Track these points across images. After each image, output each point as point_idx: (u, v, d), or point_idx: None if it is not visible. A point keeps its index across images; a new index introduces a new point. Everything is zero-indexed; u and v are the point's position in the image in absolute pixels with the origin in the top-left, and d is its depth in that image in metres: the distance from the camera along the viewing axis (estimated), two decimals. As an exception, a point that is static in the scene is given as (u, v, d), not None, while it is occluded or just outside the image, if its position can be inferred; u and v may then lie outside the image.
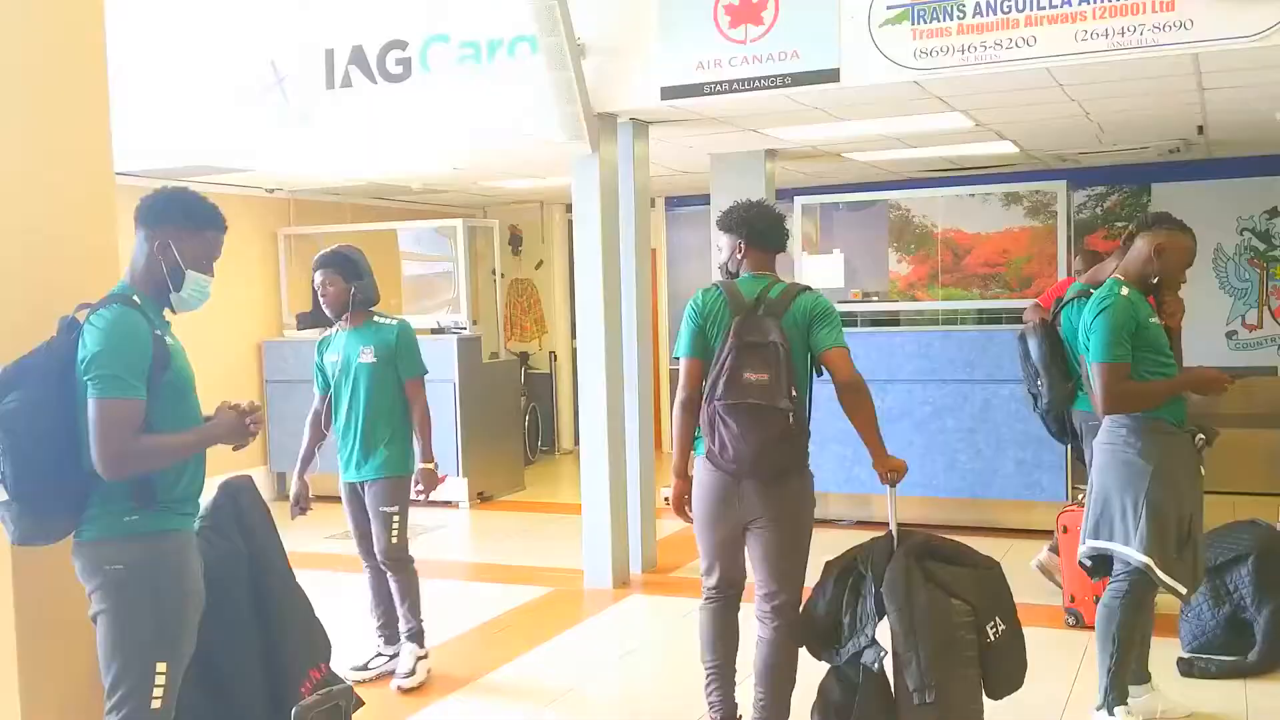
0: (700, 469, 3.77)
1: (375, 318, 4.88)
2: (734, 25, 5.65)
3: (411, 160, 8.13)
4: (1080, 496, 4.70)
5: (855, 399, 3.68)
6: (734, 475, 3.65)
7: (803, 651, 3.76)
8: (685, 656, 5.36)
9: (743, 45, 5.64)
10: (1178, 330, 4.15)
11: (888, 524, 3.71)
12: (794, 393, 3.58)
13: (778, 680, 3.74)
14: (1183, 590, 3.90)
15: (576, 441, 6.70)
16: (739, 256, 3.89)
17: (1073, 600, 5.34)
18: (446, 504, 8.92)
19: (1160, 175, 9.57)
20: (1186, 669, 4.69)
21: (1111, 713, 3.93)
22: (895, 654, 3.47)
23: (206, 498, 3.18)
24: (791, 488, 3.71)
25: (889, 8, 5.31)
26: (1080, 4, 4.93)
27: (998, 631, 3.50)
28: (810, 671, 3.77)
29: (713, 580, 3.85)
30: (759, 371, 3.56)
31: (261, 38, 6.66)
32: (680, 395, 3.78)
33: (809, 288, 3.85)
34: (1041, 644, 5.16)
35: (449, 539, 8.04)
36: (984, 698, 3.56)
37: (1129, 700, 3.99)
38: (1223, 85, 5.97)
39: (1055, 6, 4.98)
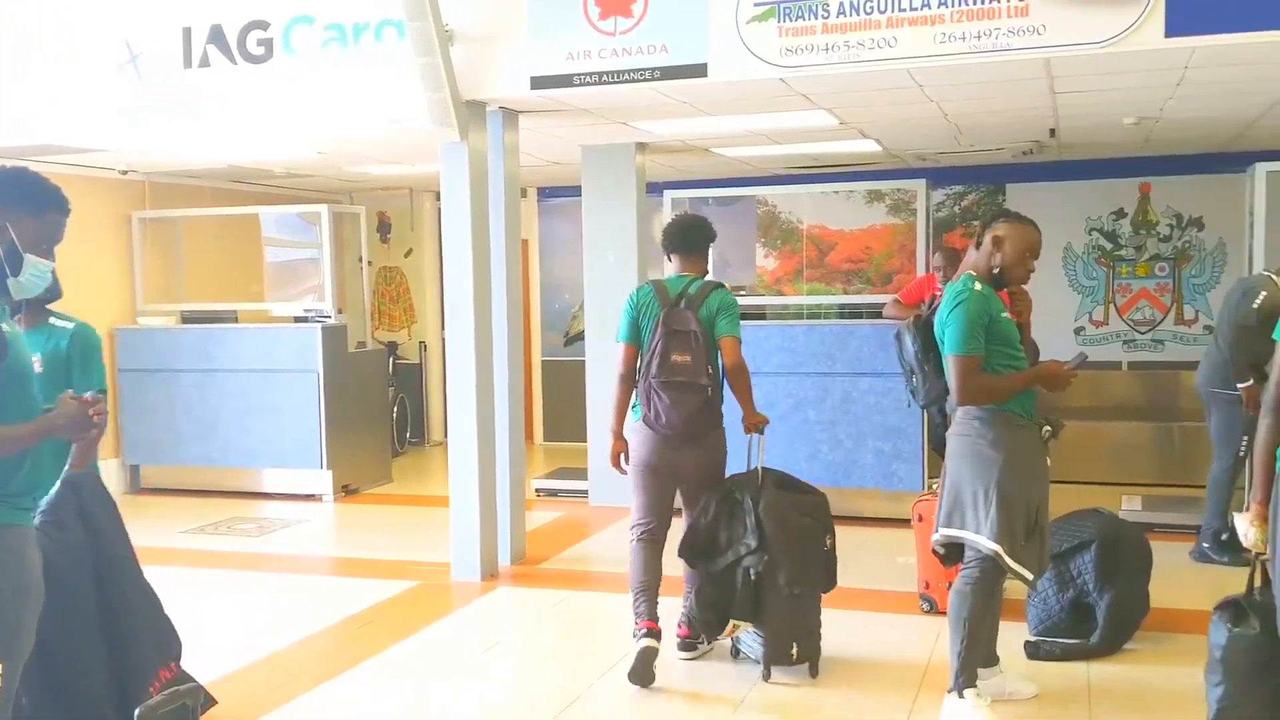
0: (637, 431, 4.70)
1: (51, 319, 3.77)
2: (604, 17, 5.65)
3: (273, 144, 7.90)
4: (935, 486, 4.85)
5: (736, 379, 4.68)
6: (666, 437, 4.60)
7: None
8: (554, 648, 5.38)
9: (612, 38, 5.64)
10: (1027, 325, 4.32)
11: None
12: (710, 370, 4.58)
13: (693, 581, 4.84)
14: (1029, 576, 4.06)
15: (447, 433, 6.63)
16: (670, 263, 4.90)
17: (927, 587, 5.51)
18: (309, 497, 8.73)
19: (1015, 176, 9.93)
20: (1033, 651, 4.88)
21: (962, 695, 4.06)
22: (771, 560, 4.50)
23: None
24: (711, 442, 4.70)
25: (756, 4, 5.37)
26: (939, 7, 5.07)
27: (830, 543, 4.74)
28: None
29: (645, 519, 4.76)
30: (683, 354, 4.55)
31: (115, 13, 6.38)
32: (619, 372, 4.75)
33: (720, 285, 4.79)
34: (897, 629, 5.37)
35: (311, 533, 7.86)
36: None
37: (978, 682, 4.12)
38: (1073, 89, 6.22)
39: (915, 9, 5.11)
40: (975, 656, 4.12)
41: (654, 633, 4.62)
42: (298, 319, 9.10)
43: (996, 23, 5.00)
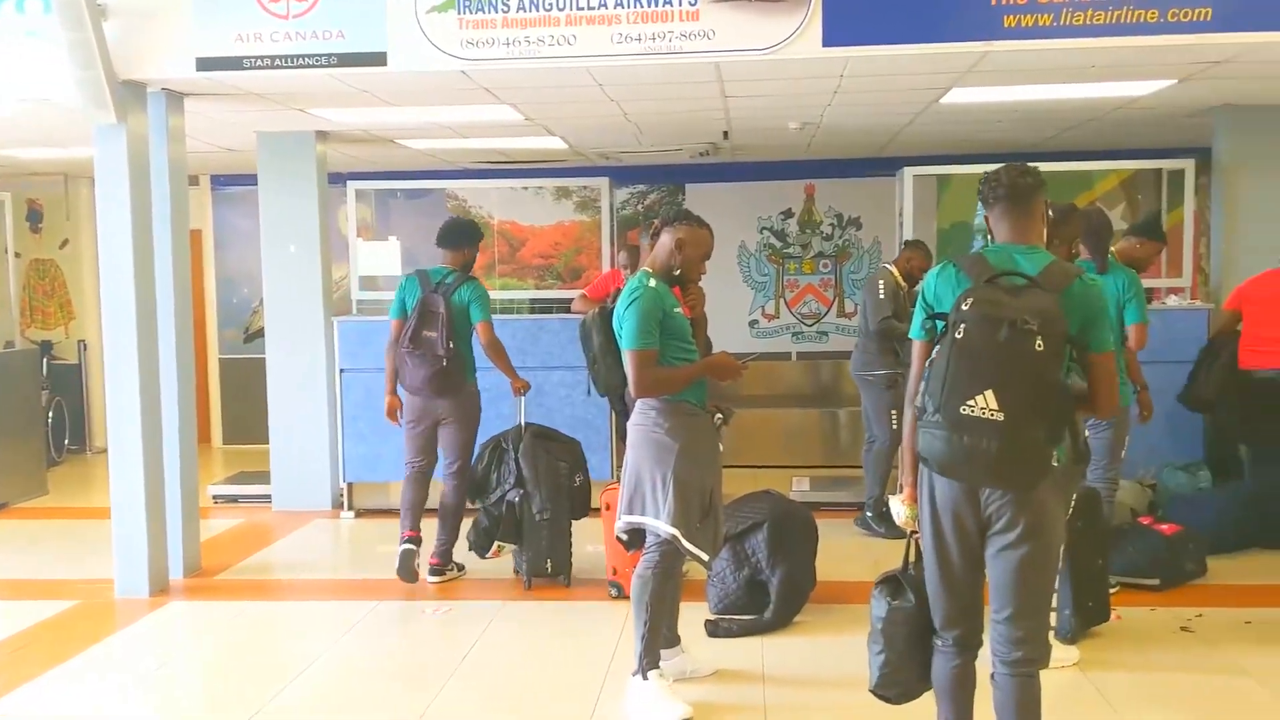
0: (402, 391, 5.94)
1: None
2: (275, -1, 5.40)
3: (-104, 121, 7.04)
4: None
5: (492, 355, 5.90)
6: (416, 392, 5.84)
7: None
8: (230, 663, 5.09)
9: (285, 20, 5.39)
10: (701, 319, 4.50)
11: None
12: (450, 346, 5.72)
13: (449, 518, 6.08)
14: (705, 557, 4.23)
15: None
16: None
17: (614, 573, 5.64)
18: (-52, 515, 7.85)
19: (693, 176, 10.36)
20: (713, 630, 5.10)
21: (646, 677, 4.17)
22: (526, 493, 5.81)
23: None
24: (456, 399, 5.88)
25: (436, -6, 5.30)
26: (616, 7, 5.19)
27: (580, 479, 5.98)
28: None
29: (412, 459, 6.03)
30: (431, 331, 5.74)
31: None
32: (388, 341, 5.94)
33: (473, 278, 5.94)
34: (586, 616, 5.47)
35: (-50, 555, 7.06)
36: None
37: (661, 663, 4.26)
38: (743, 94, 6.54)
39: (593, 8, 5.20)
40: (658, 638, 4.24)
41: (414, 539, 5.95)
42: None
43: (670, 25, 5.17)
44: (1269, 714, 4.19)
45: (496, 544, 5.97)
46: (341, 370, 7.72)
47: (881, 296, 6.79)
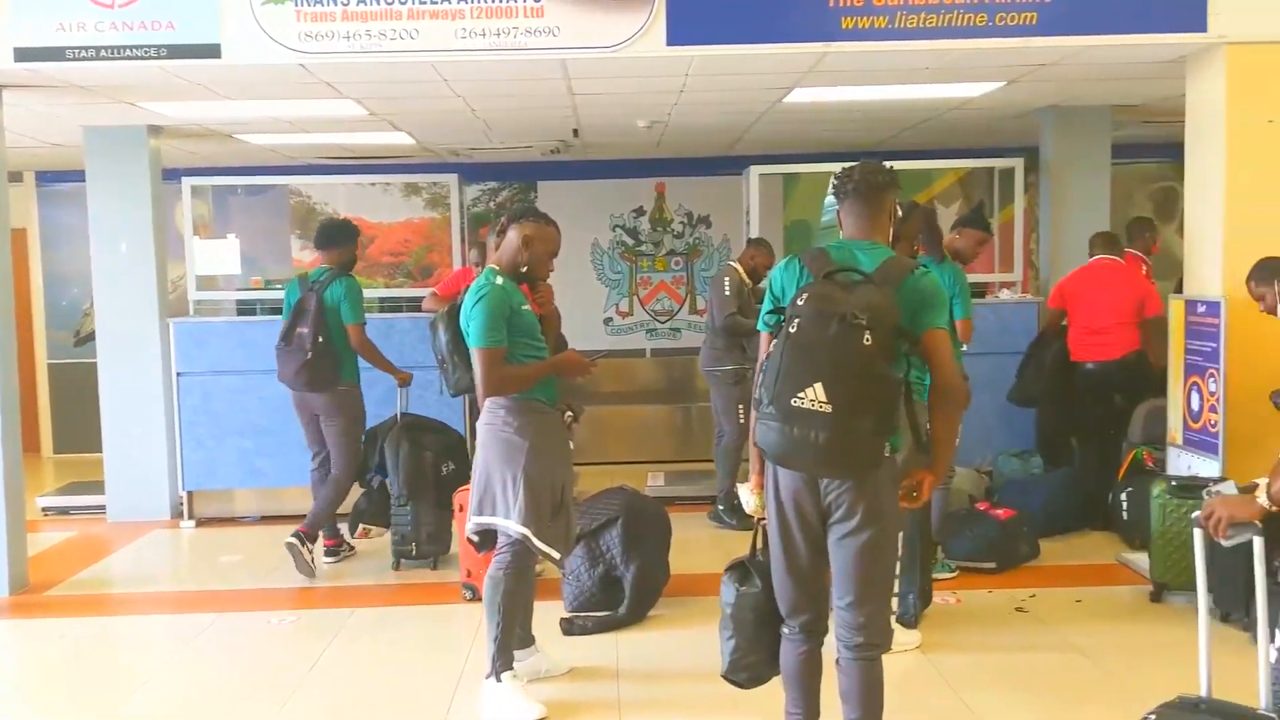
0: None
1: None
2: (100, -14, 5.15)
3: None
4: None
5: (365, 355, 6.16)
6: (290, 387, 6.11)
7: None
8: (63, 684, 4.84)
9: (110, 10, 5.15)
10: (552, 316, 4.48)
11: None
12: (320, 340, 5.92)
13: (329, 497, 6.22)
14: (557, 555, 4.22)
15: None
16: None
17: (469, 575, 5.57)
18: None
19: (545, 173, 10.32)
20: (568, 628, 5.09)
21: (499, 679, 4.13)
22: (388, 479, 6.17)
23: None
24: (327, 395, 6.06)
25: (272, -15, 5.14)
26: (460, 2, 5.12)
27: (450, 468, 6.15)
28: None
29: (311, 448, 6.26)
30: (303, 327, 5.95)
31: None
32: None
33: (347, 276, 6.11)
34: (439, 620, 5.40)
35: None
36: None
37: (515, 664, 4.23)
38: (590, 92, 6.54)
39: (436, 3, 5.12)
40: (511, 639, 4.21)
41: (299, 534, 6.03)
42: None
43: (515, 21, 5.13)
44: (1098, 687, 4.41)
45: (362, 526, 6.38)
46: (179, 374, 7.42)
47: (727, 293, 6.89)
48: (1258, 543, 2.94)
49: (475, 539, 4.28)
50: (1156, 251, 7.62)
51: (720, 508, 7.02)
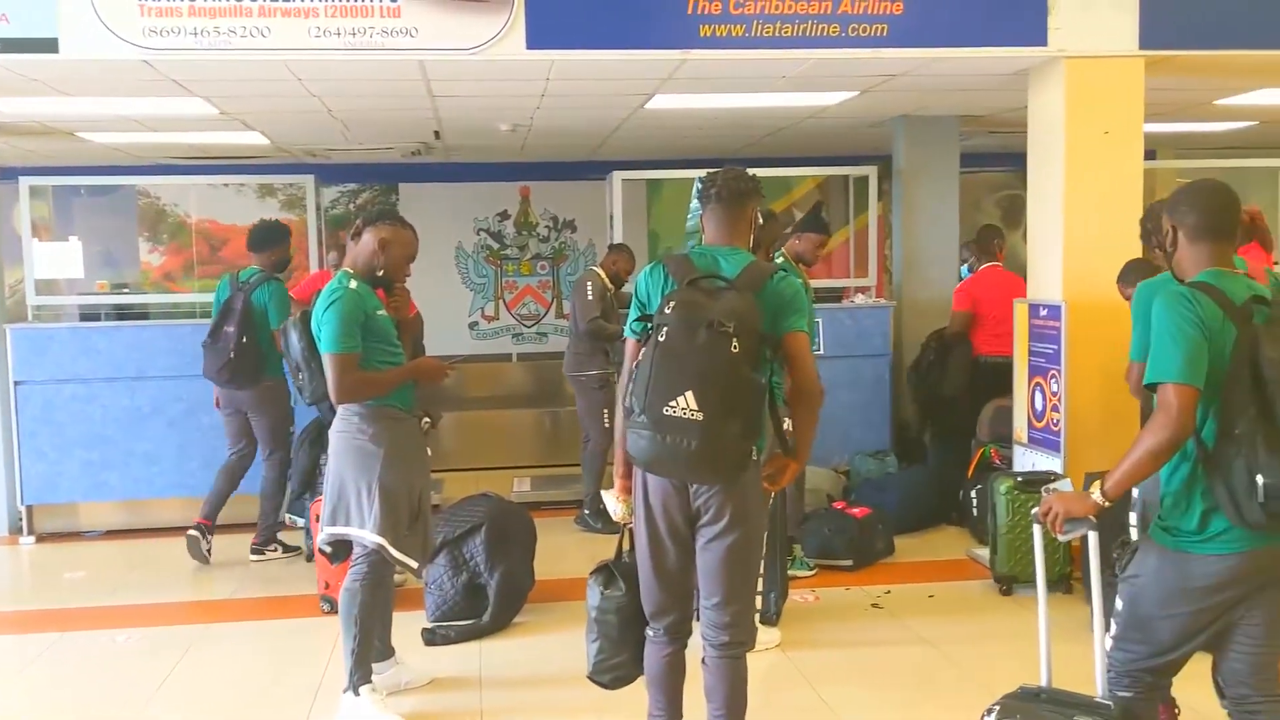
0: None
1: None
2: (-79, -23, 4.87)
3: None
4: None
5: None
6: (216, 383, 6.35)
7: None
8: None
9: (-66, -1, 4.88)
10: (410, 321, 4.41)
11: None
12: (244, 340, 6.08)
13: (263, 501, 6.45)
14: (414, 565, 4.15)
15: None
16: None
17: (327, 587, 5.43)
18: None
19: (407, 175, 10.16)
20: (430, 638, 5.01)
21: (357, 693, 4.04)
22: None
23: None
24: (253, 391, 6.24)
25: (110, -23, 4.93)
26: (313, 1, 5.00)
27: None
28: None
29: (229, 446, 6.45)
30: (230, 326, 6.13)
31: None
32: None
33: (274, 279, 6.28)
34: (296, 634, 5.26)
35: None
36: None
37: (374, 677, 4.14)
38: (451, 94, 6.46)
39: (289, 0, 4.99)
40: (369, 652, 4.13)
41: (201, 526, 6.25)
42: None
43: (370, 21, 5.03)
44: (948, 678, 4.55)
45: (288, 516, 6.49)
46: (17, 383, 7.05)
47: (590, 298, 6.90)
48: (1092, 537, 3.08)
49: (328, 549, 4.18)
50: (1003, 258, 7.92)
51: (586, 512, 7.01)
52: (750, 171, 3.47)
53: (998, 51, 5.56)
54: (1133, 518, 3.85)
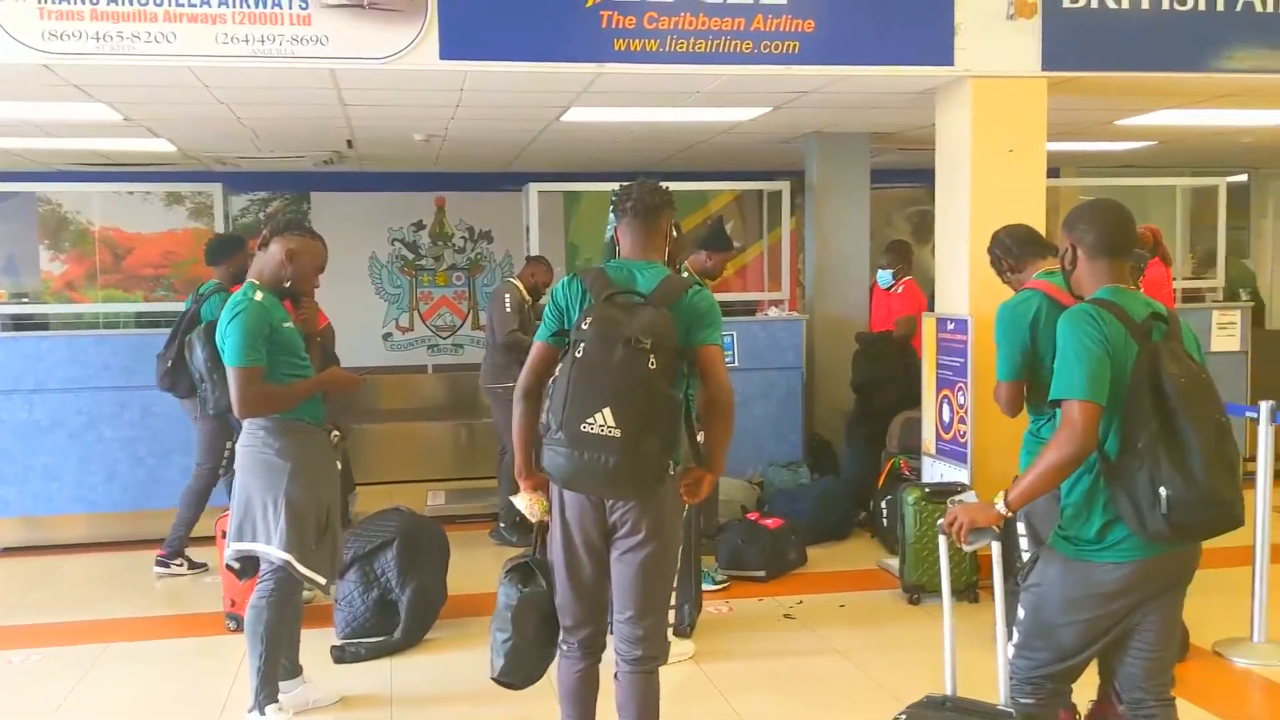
0: None
1: None
2: None
3: None
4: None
5: None
6: (160, 388, 6.21)
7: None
8: None
9: None
10: (320, 333, 4.34)
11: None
12: (183, 349, 5.56)
13: (181, 510, 6.28)
14: (322, 581, 4.08)
15: None
16: None
17: (233, 604, 5.31)
18: None
19: (319, 184, 10.01)
20: (339, 656, 4.91)
21: (263, 712, 3.97)
22: None
23: None
24: (194, 401, 5.76)
25: (10, -20, 4.78)
26: (220, 6, 4.89)
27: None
28: None
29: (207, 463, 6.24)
30: (177, 336, 5.94)
31: None
32: None
33: (224, 290, 5.77)
34: (201, 653, 5.13)
35: None
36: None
37: (280, 696, 4.07)
38: (363, 103, 6.38)
39: (195, 6, 4.87)
40: (276, 670, 4.05)
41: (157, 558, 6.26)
42: None
43: (280, 29, 4.94)
44: (857, 687, 4.61)
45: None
46: (-93, 396, 6.80)
47: (508, 310, 6.87)
48: (995, 547, 3.15)
49: (235, 565, 4.10)
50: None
51: (502, 525, 6.96)
52: (664, 185, 3.48)
53: (906, 70, 5.67)
54: (1021, 527, 3.95)
